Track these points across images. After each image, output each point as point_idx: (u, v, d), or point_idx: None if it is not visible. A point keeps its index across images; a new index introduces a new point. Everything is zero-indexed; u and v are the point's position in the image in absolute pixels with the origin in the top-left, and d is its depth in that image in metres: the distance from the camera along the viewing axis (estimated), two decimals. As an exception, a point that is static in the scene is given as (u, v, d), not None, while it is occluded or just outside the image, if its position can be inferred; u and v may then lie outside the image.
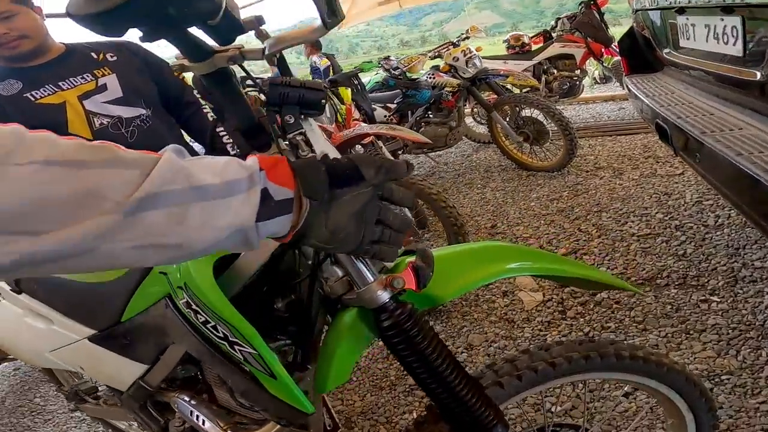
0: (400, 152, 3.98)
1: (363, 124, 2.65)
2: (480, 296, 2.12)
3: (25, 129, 0.32)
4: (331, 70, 3.53)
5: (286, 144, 0.63)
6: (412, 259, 0.65)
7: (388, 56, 3.87)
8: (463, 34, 4.08)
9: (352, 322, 0.69)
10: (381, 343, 0.69)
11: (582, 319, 1.81)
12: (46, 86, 1.38)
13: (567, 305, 1.91)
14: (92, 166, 0.33)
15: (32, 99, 1.36)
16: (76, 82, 1.40)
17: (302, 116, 0.63)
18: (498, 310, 2.00)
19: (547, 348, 0.78)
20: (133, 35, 0.47)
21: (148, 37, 0.47)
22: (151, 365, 0.99)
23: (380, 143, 2.98)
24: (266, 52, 0.57)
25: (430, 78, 3.71)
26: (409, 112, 3.70)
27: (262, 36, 0.56)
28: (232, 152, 1.36)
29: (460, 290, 0.71)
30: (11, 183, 0.29)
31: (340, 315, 0.72)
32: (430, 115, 3.73)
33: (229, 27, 0.49)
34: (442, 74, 3.68)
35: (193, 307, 0.71)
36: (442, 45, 3.95)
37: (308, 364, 0.81)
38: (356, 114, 2.93)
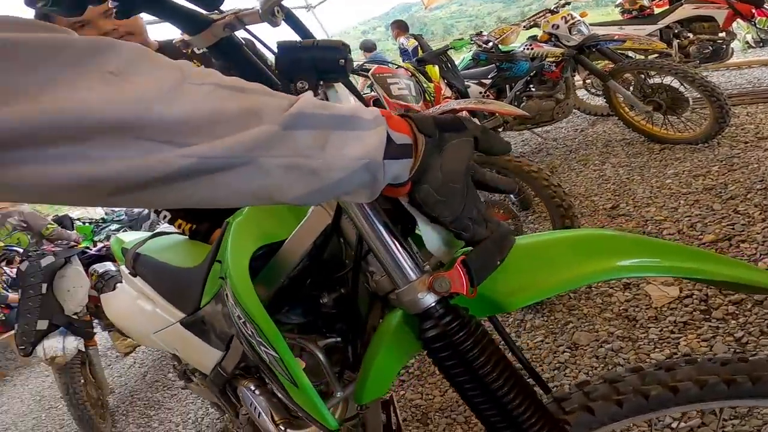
0: (500, 129, 3.70)
1: (452, 101, 2.47)
2: (593, 287, 1.83)
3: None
4: (419, 50, 3.39)
5: None
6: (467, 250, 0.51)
7: (480, 32, 3.58)
8: (561, 0, 3.61)
9: (396, 326, 0.58)
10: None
11: (734, 322, 1.43)
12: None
13: (713, 303, 1.54)
14: (253, 92, 0.37)
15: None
16: None
17: (321, 82, 0.53)
18: (616, 305, 1.70)
19: (669, 368, 0.57)
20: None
21: (122, 12, 0.41)
22: (225, 352, 1.01)
23: (476, 120, 2.77)
24: (260, 12, 0.47)
25: (528, 49, 3.35)
26: (507, 86, 3.38)
27: None
28: None
29: (541, 294, 0.54)
30: (192, 97, 0.32)
31: (387, 316, 0.62)
32: (532, 89, 3.37)
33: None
34: (541, 44, 3.30)
35: (230, 300, 0.67)
36: (537, 13, 3.53)
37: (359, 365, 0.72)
38: (448, 92, 2.76)
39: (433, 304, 0.50)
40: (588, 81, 4.13)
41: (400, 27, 5.24)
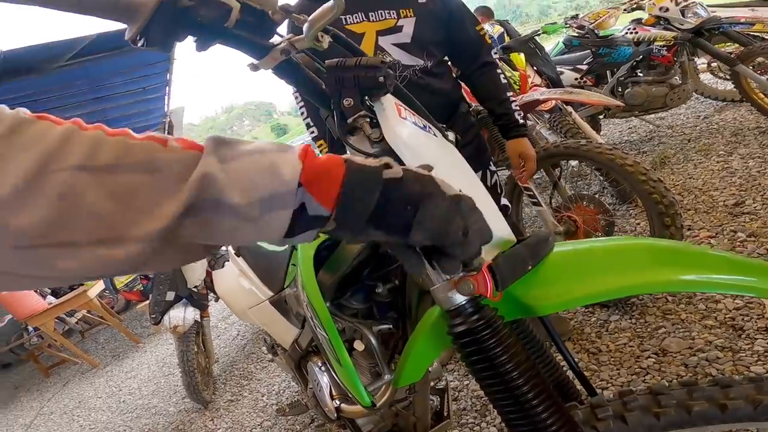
0: (600, 117, 3.41)
1: (541, 89, 2.35)
2: (697, 293, 1.65)
3: (78, 127, 0.34)
4: (506, 37, 3.25)
5: (349, 135, 0.59)
6: (496, 253, 0.54)
7: (576, 15, 3.32)
8: None
9: (434, 321, 0.62)
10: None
11: None
12: (357, 13, 1.37)
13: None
14: (126, 170, 0.34)
15: (342, 22, 1.36)
16: (382, 16, 1.37)
17: (366, 98, 0.59)
18: (722, 312, 1.53)
19: (726, 385, 0.54)
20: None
21: (200, 45, 0.51)
22: (301, 329, 1.14)
23: (569, 108, 2.61)
24: (305, 39, 0.55)
25: (631, 33, 3.04)
26: (608, 72, 3.11)
27: (299, 23, 0.54)
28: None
29: (575, 302, 0.55)
30: (44, 192, 0.31)
31: (429, 310, 0.66)
32: (640, 74, 3.05)
33: (257, 25, 0.49)
34: (648, 27, 2.99)
35: (299, 284, 0.77)
36: None
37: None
38: (538, 80, 2.63)
39: (463, 303, 0.54)
40: (714, 65, 3.63)
41: (484, 13, 5.07)
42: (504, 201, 1.63)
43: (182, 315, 2.39)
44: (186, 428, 2.54)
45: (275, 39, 0.58)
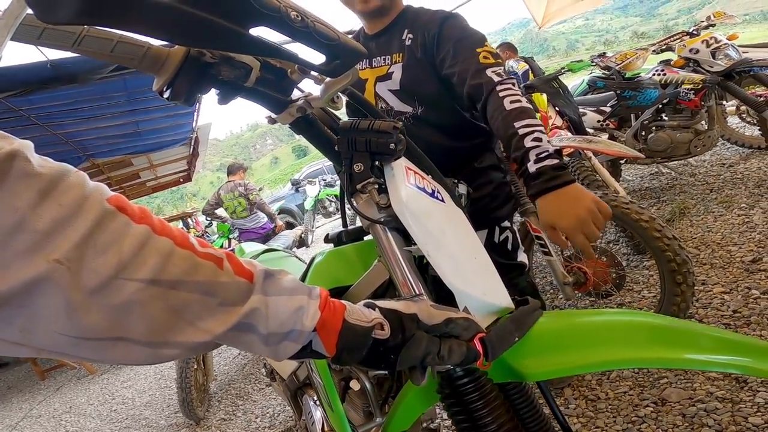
0: (621, 162, 3.41)
1: (561, 134, 2.37)
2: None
3: (151, 230, 0.37)
4: (530, 74, 3.28)
5: (364, 196, 0.62)
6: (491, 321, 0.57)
7: (603, 53, 3.32)
8: (702, 21, 3.21)
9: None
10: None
11: None
12: (366, 60, 1.37)
13: None
14: (187, 289, 0.38)
15: (358, 68, 1.36)
16: (379, 62, 1.36)
17: (376, 163, 0.62)
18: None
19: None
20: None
21: (222, 99, 0.56)
22: (300, 364, 1.15)
23: (589, 153, 2.62)
24: (321, 100, 0.59)
25: (659, 74, 3.03)
26: (632, 115, 3.11)
27: (317, 82, 0.58)
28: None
29: (563, 371, 0.57)
30: (113, 299, 0.34)
31: (421, 363, 0.69)
32: (664, 118, 3.05)
33: (276, 82, 0.53)
34: (676, 70, 2.97)
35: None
36: (671, 36, 3.17)
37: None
38: (559, 121, 2.65)
39: (452, 367, 0.56)
40: (743, 108, 3.60)
41: (508, 49, 5.13)
42: (521, 257, 1.49)
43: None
44: (174, 444, 2.54)
45: (294, 94, 0.62)
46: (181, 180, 8.91)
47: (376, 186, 0.61)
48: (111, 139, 5.54)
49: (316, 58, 0.44)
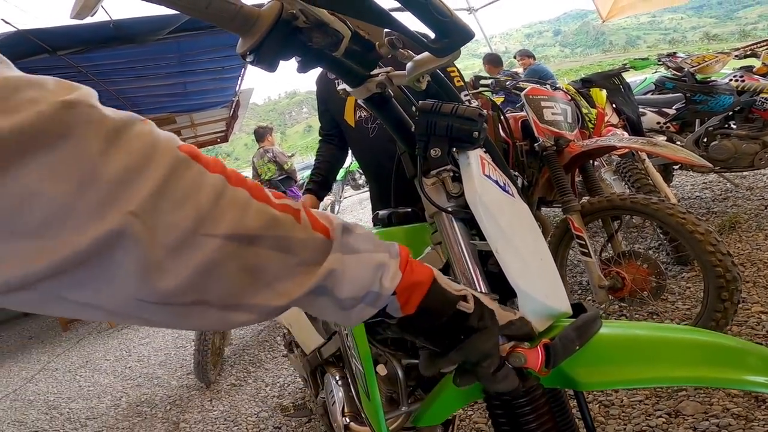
0: (675, 168, 3.28)
1: (617, 133, 2.29)
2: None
3: (226, 180, 0.35)
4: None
5: (432, 181, 0.61)
6: (558, 331, 0.56)
7: (674, 52, 3.13)
8: None
9: (468, 371, 0.65)
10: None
11: None
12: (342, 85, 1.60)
13: None
14: (265, 245, 0.36)
15: (337, 84, 1.61)
16: None
17: (454, 150, 0.61)
18: (746, 382, 1.51)
19: None
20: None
21: (302, 67, 0.55)
22: (327, 341, 1.18)
23: (643, 155, 2.54)
24: (406, 77, 0.57)
25: (737, 80, 2.87)
26: (697, 120, 2.97)
27: (405, 59, 0.57)
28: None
29: (617, 384, 0.57)
30: (192, 258, 0.32)
31: (465, 360, 0.69)
32: (733, 126, 2.90)
33: (362, 55, 0.52)
34: (757, 77, 2.80)
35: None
36: (758, 42, 2.98)
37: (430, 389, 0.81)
38: (615, 119, 2.56)
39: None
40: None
41: (490, 62, 4.75)
42: None
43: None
44: (183, 404, 2.65)
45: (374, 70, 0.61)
46: (219, 140, 9.29)
47: (452, 174, 0.60)
48: (159, 97, 5.80)
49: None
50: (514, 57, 5.38)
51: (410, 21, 0.48)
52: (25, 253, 0.27)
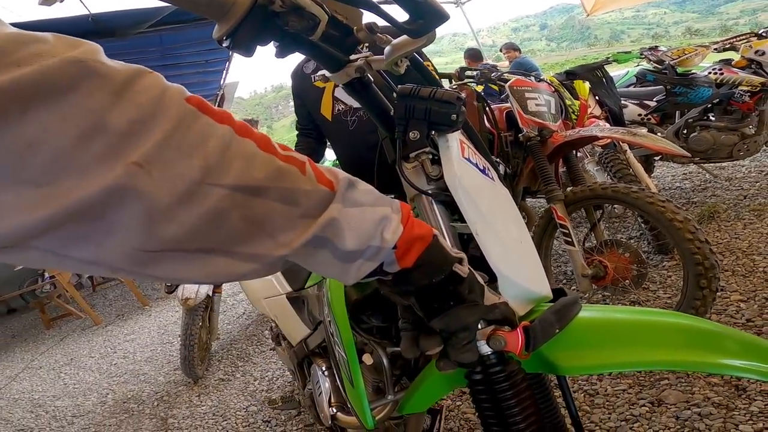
0: (656, 158, 3.34)
1: (600, 124, 2.32)
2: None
3: (233, 132, 0.35)
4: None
5: (412, 165, 0.62)
6: (538, 315, 0.57)
7: (656, 46, 3.19)
8: None
9: (452, 358, 0.65)
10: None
11: None
12: (323, 71, 1.65)
13: None
14: (269, 196, 0.36)
15: (313, 80, 1.70)
16: None
17: (433, 132, 0.61)
18: (727, 371, 1.55)
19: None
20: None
21: (280, 52, 0.55)
22: (312, 331, 1.18)
23: (625, 146, 2.57)
24: (384, 61, 0.57)
25: (715, 73, 2.93)
26: (678, 112, 3.02)
27: (383, 43, 0.56)
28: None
29: (598, 368, 0.58)
30: (198, 207, 0.32)
31: (448, 347, 0.70)
32: (711, 118, 2.96)
33: (340, 40, 0.52)
34: (735, 70, 2.86)
35: (325, 299, 0.81)
36: (737, 36, 3.04)
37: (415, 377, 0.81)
38: (597, 111, 2.59)
39: (488, 354, 0.56)
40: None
41: (471, 56, 4.85)
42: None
43: (196, 288, 2.47)
44: (171, 400, 2.62)
45: (352, 55, 0.61)
46: None
47: (431, 156, 0.60)
48: None
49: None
50: (500, 50, 5.40)
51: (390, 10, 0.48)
52: (29, 201, 0.27)
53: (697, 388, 1.55)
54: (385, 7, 0.48)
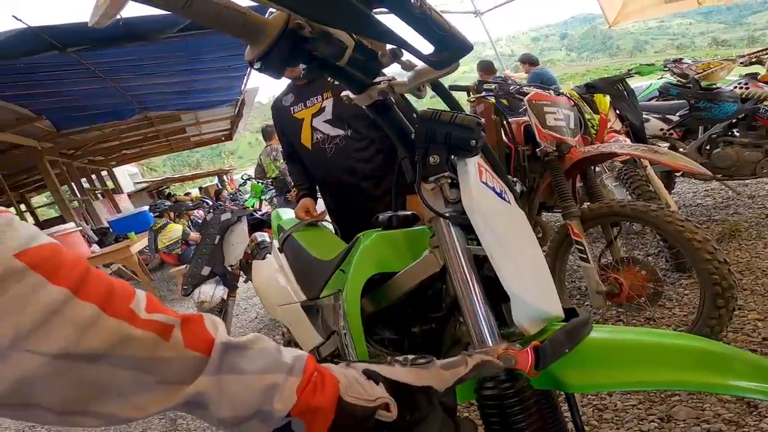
0: (677, 174, 3.29)
1: (620, 139, 2.30)
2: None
3: (71, 294, 0.33)
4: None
5: (430, 187, 0.63)
6: (549, 335, 0.58)
7: (681, 58, 3.11)
8: None
9: (463, 373, 0.67)
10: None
11: None
12: (300, 103, 1.82)
13: None
14: (111, 363, 0.34)
15: (292, 111, 1.88)
16: (312, 102, 1.82)
17: (453, 157, 0.63)
18: (739, 388, 1.52)
19: None
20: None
21: (308, 74, 0.58)
22: (325, 340, 1.20)
23: (645, 161, 2.54)
24: (407, 86, 0.59)
25: (741, 88, 2.86)
26: (701, 127, 2.97)
27: (406, 68, 0.58)
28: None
29: (606, 386, 0.60)
30: (13, 368, 0.31)
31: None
32: (735, 133, 2.90)
33: (365, 64, 0.54)
34: (761, 85, 2.79)
35: (341, 311, 0.83)
36: (764, 49, 2.97)
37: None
38: (618, 125, 2.56)
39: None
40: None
41: (484, 69, 4.77)
42: None
43: (212, 292, 2.51)
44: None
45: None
46: (223, 138, 9.35)
47: (449, 180, 0.62)
48: (165, 94, 5.91)
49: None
50: (519, 61, 5.39)
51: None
52: None
53: (708, 404, 1.53)
54: (410, 33, 0.50)
